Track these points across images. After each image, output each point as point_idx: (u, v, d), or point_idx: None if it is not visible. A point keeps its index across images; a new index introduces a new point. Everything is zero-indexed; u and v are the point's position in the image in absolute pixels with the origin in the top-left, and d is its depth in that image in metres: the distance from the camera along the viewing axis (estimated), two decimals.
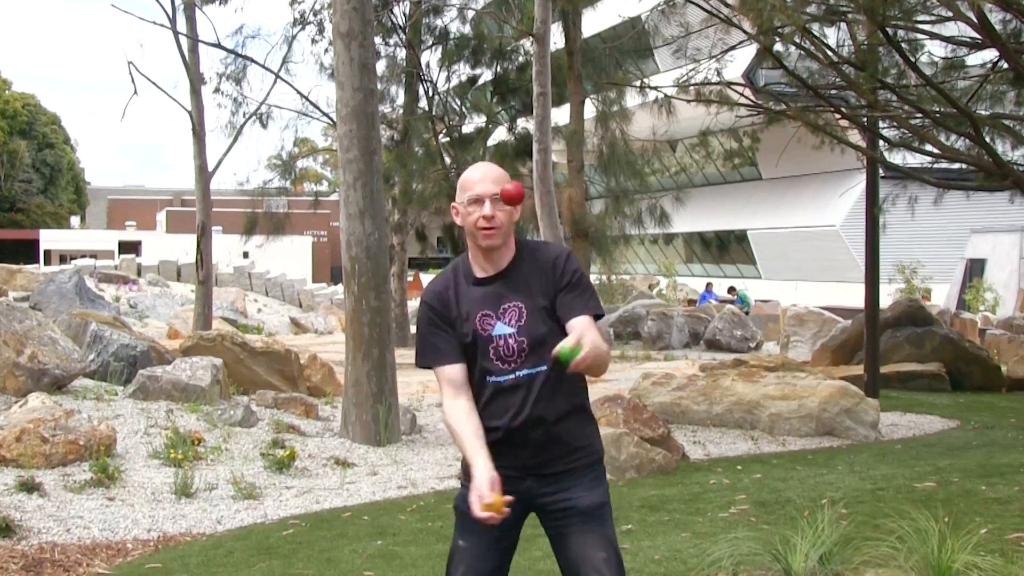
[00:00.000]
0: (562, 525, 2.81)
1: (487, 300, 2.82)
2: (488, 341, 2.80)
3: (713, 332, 21.75)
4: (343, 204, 9.38)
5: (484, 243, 2.81)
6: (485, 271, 2.85)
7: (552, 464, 2.81)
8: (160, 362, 10.81)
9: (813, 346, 16.99)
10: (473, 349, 2.81)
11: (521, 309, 2.81)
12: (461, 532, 2.89)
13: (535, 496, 2.83)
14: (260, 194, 22.01)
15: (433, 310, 2.87)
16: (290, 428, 9.16)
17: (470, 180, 2.85)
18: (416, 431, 9.70)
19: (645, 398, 10.38)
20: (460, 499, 2.90)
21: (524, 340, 2.78)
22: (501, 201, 2.81)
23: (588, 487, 2.81)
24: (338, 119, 9.54)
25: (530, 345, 2.78)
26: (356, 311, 9.24)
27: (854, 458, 8.49)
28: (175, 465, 7.37)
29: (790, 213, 35.37)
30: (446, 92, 22.53)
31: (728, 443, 9.44)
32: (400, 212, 21.96)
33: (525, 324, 2.80)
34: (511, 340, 2.79)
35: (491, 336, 2.80)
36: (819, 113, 10.57)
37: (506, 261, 2.85)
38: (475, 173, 2.87)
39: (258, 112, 20.86)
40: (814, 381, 10.31)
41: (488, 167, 2.90)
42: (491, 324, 2.81)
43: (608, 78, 18.84)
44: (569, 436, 2.82)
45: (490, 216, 2.79)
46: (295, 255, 46.75)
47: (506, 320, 2.81)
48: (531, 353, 2.79)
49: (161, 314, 26.25)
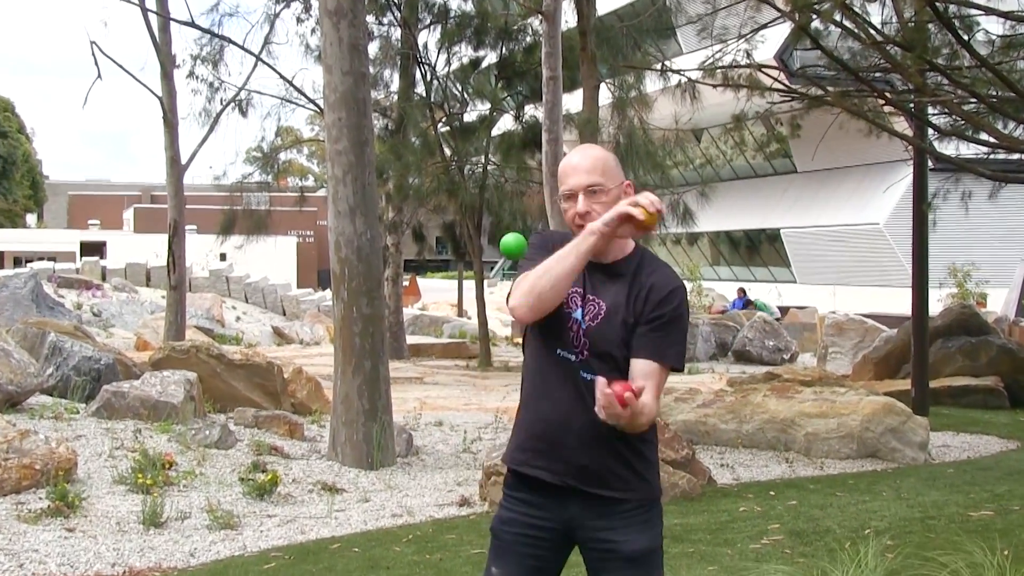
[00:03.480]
0: (602, 569, 2.79)
1: (583, 281, 2.82)
2: (567, 318, 2.80)
3: (742, 342, 21.72)
4: (331, 201, 9.38)
5: None
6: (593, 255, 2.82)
7: (599, 478, 2.77)
8: (127, 376, 10.81)
9: (854, 358, 16.94)
10: (553, 315, 2.79)
11: (600, 308, 2.80)
12: (495, 558, 2.88)
13: (577, 527, 2.81)
14: (239, 189, 22.02)
15: (537, 248, 2.86)
16: (272, 450, 9.16)
17: (563, 170, 2.84)
18: (413, 453, 9.69)
19: (667, 416, 10.36)
20: (498, 520, 2.89)
21: (589, 341, 2.78)
22: (598, 193, 2.79)
23: (639, 529, 2.78)
24: (326, 106, 9.54)
25: (593, 347, 2.78)
26: (346, 319, 9.24)
27: (901, 483, 8.46)
28: (143, 491, 7.36)
29: (828, 210, 35.35)
30: (446, 76, 22.53)
31: (759, 466, 9.42)
32: (395, 209, 21.97)
33: (597, 325, 2.79)
34: (581, 332, 2.79)
35: (569, 315, 2.80)
36: (861, 99, 10.56)
37: (616, 255, 2.84)
38: (571, 160, 2.85)
39: (237, 98, 20.87)
40: (855, 397, 10.28)
41: (584, 153, 2.87)
42: (575, 304, 2.81)
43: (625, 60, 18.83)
44: (624, 453, 2.79)
45: (583, 212, 2.78)
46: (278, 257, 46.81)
47: (586, 310, 2.80)
48: (592, 355, 2.78)
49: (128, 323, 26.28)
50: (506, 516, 2.88)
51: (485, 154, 21.08)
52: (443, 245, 27.93)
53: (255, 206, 22.40)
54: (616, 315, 2.78)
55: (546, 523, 2.83)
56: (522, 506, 2.86)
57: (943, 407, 13.19)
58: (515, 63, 22.01)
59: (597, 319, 2.79)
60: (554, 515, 2.81)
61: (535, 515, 2.84)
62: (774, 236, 38.35)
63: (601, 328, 2.78)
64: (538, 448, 2.81)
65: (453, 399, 14.57)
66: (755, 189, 39.25)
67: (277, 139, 23.36)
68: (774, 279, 37.94)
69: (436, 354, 22.90)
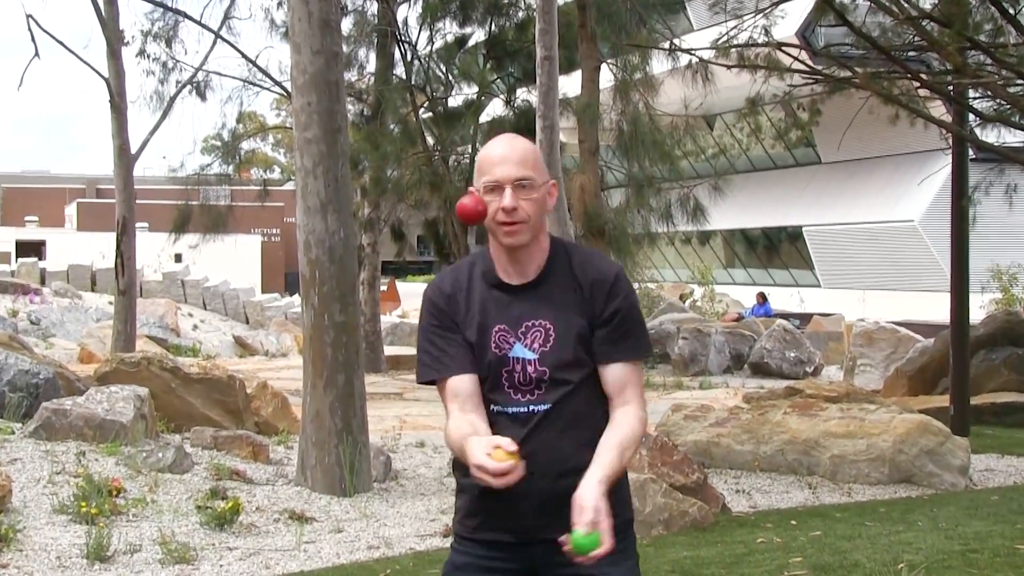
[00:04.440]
0: None
1: (507, 312, 2.78)
2: (502, 363, 2.76)
3: (760, 353, 21.74)
4: (300, 195, 9.37)
5: (506, 241, 2.76)
6: (509, 276, 2.80)
7: (554, 530, 2.72)
8: (69, 392, 10.77)
9: (885, 371, 16.96)
10: (481, 369, 2.77)
11: (548, 330, 2.76)
12: None
13: (542, 568, 2.79)
14: (196, 182, 21.97)
15: (437, 309, 2.82)
16: (233, 474, 9.14)
17: (488, 159, 2.80)
18: (391, 477, 9.68)
19: (676, 436, 10.36)
20: (451, 567, 2.87)
21: (546, 370, 2.75)
22: (527, 188, 2.75)
23: (613, 560, 2.70)
24: (293, 89, 9.53)
25: (552, 377, 2.74)
26: (317, 328, 9.23)
27: (938, 511, 8.47)
28: (87, 522, 7.33)
29: (856, 205, 35.42)
30: (428, 56, 22.53)
31: (779, 492, 9.43)
32: (371, 205, 21.95)
33: (550, 350, 2.75)
34: (530, 368, 2.75)
35: (507, 357, 2.76)
36: (893, 80, 10.58)
37: (536, 265, 2.80)
38: (495, 149, 2.82)
39: (193, 80, 20.86)
40: (887, 415, 10.29)
41: (512, 142, 2.84)
42: (509, 343, 2.76)
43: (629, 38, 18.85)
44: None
45: (511, 208, 2.74)
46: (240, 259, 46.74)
47: (527, 342, 2.76)
48: (552, 386, 2.74)
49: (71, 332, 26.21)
50: (460, 562, 2.86)
51: (472, 143, 21.08)
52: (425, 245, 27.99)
53: (214, 201, 22.37)
54: (569, 326, 2.75)
55: (507, 566, 2.81)
56: (478, 548, 2.83)
57: (986, 426, 13.19)
58: (506, 41, 22.01)
59: (549, 342, 2.75)
60: (516, 557, 2.77)
61: (494, 557, 2.81)
62: (795, 235, 38.43)
63: (556, 351, 2.74)
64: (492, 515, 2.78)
65: (436, 417, 14.54)
66: (774, 182, 39.33)
67: (239, 126, 23.34)
68: (795, 283, 38.00)
69: None
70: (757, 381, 19.81)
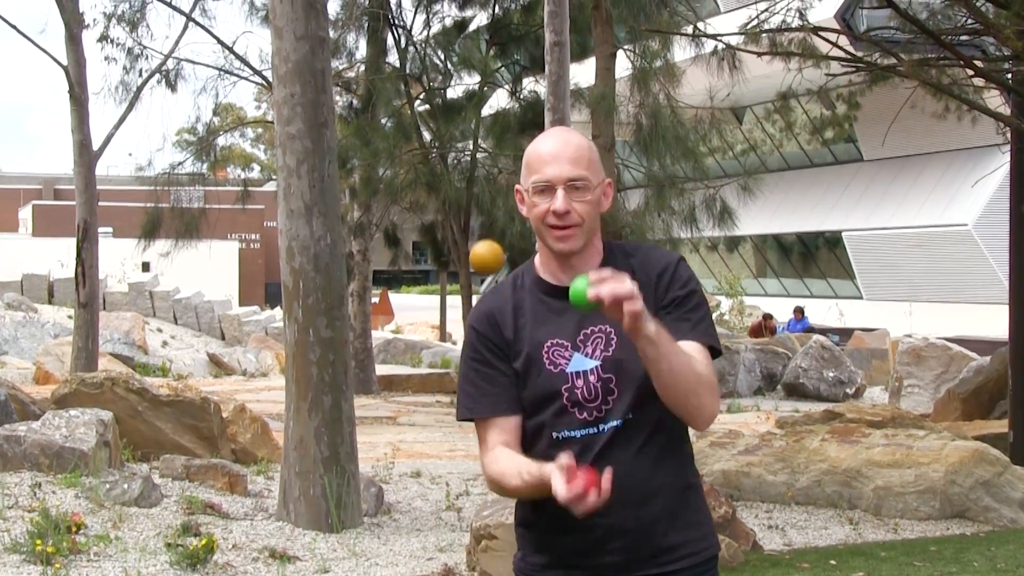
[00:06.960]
0: None
1: (562, 321, 2.78)
2: (560, 380, 2.76)
3: (795, 373, 21.73)
4: (283, 197, 9.39)
5: (557, 247, 2.77)
6: (561, 282, 2.80)
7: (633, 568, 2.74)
8: (24, 417, 10.77)
9: (936, 393, 16.94)
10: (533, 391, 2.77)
11: (609, 334, 2.76)
12: None
13: None
14: (166, 182, 21.98)
15: (478, 336, 2.83)
16: (208, 508, 9.14)
17: (538, 156, 2.79)
18: (383, 511, 9.68)
19: (701, 465, 10.35)
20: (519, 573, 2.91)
21: (611, 377, 2.75)
22: (581, 189, 2.75)
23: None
24: (275, 79, 9.55)
25: (619, 384, 2.74)
26: (301, 344, 9.24)
27: (996, 550, 8.46)
28: (43, 562, 7.33)
29: (903, 208, 35.42)
30: (424, 42, 22.57)
31: (817, 527, 9.42)
32: (361, 208, 21.98)
33: (614, 354, 2.76)
34: (592, 377, 2.75)
35: (565, 374, 2.76)
36: (943, 68, 10.59)
37: (591, 268, 2.76)
38: (546, 145, 2.81)
39: (163, 69, 20.87)
40: (938, 442, 10.28)
41: (565, 137, 2.84)
42: (566, 357, 2.77)
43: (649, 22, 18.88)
44: (666, 525, 2.76)
45: (563, 211, 2.74)
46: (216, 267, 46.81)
47: (587, 350, 2.77)
48: (620, 395, 2.74)
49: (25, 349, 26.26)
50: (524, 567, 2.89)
51: (474, 138, 21.10)
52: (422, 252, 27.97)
53: (186, 203, 22.36)
54: None
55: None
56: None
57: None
58: (511, 25, 22.06)
59: (612, 346, 2.76)
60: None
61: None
62: (834, 241, 38.43)
63: (621, 353, 2.75)
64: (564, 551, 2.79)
65: (434, 444, 14.55)
66: (811, 182, 39.34)
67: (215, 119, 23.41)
68: (834, 294, 38.01)
69: (413, 388, 22.90)
70: (792, 404, 19.80)
